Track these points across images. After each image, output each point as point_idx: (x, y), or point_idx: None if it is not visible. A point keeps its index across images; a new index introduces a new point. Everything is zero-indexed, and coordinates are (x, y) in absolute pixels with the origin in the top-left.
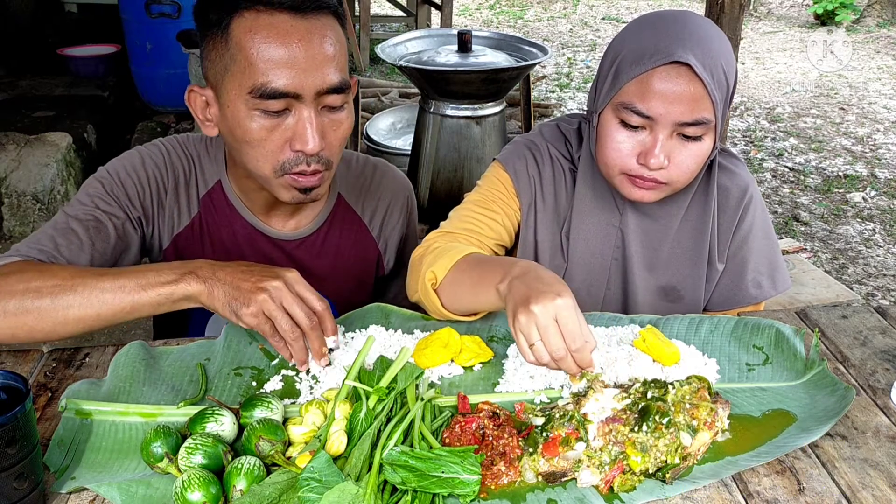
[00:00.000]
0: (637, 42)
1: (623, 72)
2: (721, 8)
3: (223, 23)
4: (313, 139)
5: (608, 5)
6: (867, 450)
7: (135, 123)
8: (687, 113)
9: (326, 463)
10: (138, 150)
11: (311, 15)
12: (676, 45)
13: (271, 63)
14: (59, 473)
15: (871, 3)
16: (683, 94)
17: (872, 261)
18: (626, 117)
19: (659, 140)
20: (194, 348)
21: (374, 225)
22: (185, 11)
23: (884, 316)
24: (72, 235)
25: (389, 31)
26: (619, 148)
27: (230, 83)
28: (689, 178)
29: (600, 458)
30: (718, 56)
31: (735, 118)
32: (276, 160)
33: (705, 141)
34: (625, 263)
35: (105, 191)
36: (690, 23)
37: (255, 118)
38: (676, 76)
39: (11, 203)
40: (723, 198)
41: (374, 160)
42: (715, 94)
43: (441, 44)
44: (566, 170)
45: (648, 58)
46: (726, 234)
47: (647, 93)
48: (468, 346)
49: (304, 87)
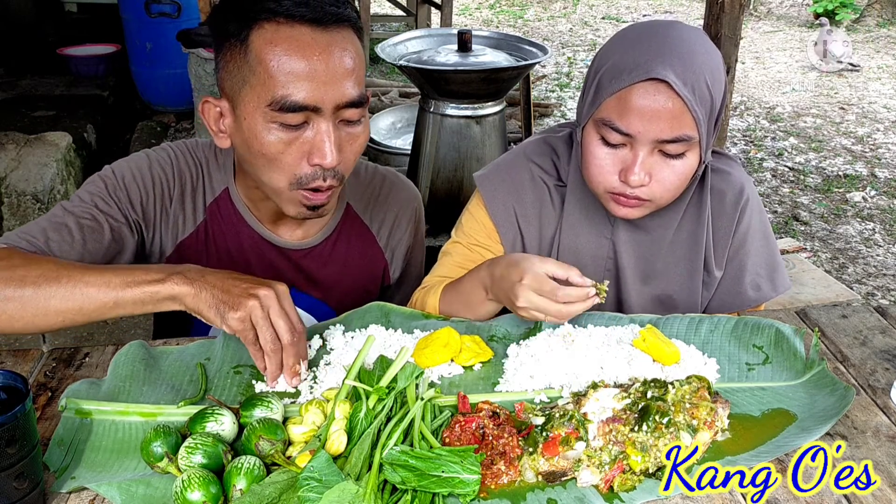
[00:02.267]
0: (618, 56)
1: (603, 87)
2: (721, 7)
3: (242, 34)
4: (331, 153)
5: (608, 5)
6: (867, 449)
7: (135, 123)
8: (666, 130)
9: (326, 462)
10: (146, 154)
11: (331, 28)
12: (655, 60)
13: (291, 76)
14: (59, 473)
15: (871, 3)
16: (662, 110)
17: (872, 260)
18: (606, 134)
19: (639, 157)
20: (194, 348)
21: (381, 235)
22: (185, 11)
23: (884, 315)
24: (64, 231)
25: (389, 31)
26: (600, 165)
27: (248, 95)
28: (674, 194)
29: (600, 458)
30: (701, 71)
31: (735, 118)
32: (293, 174)
33: (688, 158)
34: (618, 275)
35: (107, 191)
36: (674, 36)
37: (273, 131)
38: (655, 93)
39: (11, 203)
40: (718, 202)
41: (384, 170)
42: (696, 111)
43: (441, 43)
44: (551, 187)
45: (627, 74)
46: (724, 239)
47: (625, 110)
48: (468, 345)
49: (324, 100)
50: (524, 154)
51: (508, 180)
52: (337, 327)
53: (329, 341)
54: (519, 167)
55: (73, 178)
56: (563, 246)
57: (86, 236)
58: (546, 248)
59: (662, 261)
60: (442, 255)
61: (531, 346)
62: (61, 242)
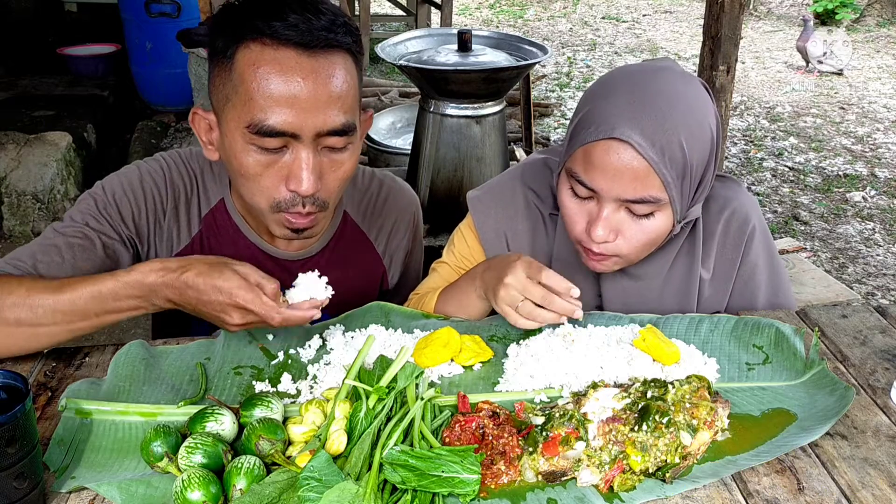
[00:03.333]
0: (594, 105)
1: (575, 137)
2: (721, 7)
3: (229, 51)
4: (308, 180)
5: (608, 5)
6: (867, 449)
7: (134, 123)
8: (629, 191)
9: (326, 462)
10: (137, 167)
11: (320, 53)
12: (624, 118)
13: (270, 100)
14: (58, 473)
15: (872, 3)
16: (625, 170)
17: (872, 260)
18: (574, 185)
19: (602, 213)
20: (194, 348)
21: (379, 242)
22: (185, 11)
23: (884, 315)
24: (53, 252)
25: (389, 31)
26: (570, 216)
27: (230, 114)
28: (643, 252)
29: (600, 458)
30: (676, 131)
31: (735, 118)
32: (272, 197)
33: (657, 218)
34: None
35: (97, 209)
36: (654, 90)
37: (251, 153)
38: (619, 151)
39: (11, 202)
40: (723, 231)
41: (381, 175)
42: (664, 173)
43: (441, 43)
44: (545, 216)
45: (595, 128)
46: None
47: (589, 164)
48: (468, 345)
49: (303, 127)
50: (521, 178)
51: (502, 205)
52: (337, 327)
53: (329, 341)
54: (514, 192)
55: (73, 177)
56: None
57: (76, 255)
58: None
59: (653, 304)
60: (431, 271)
61: (531, 345)
62: (49, 264)
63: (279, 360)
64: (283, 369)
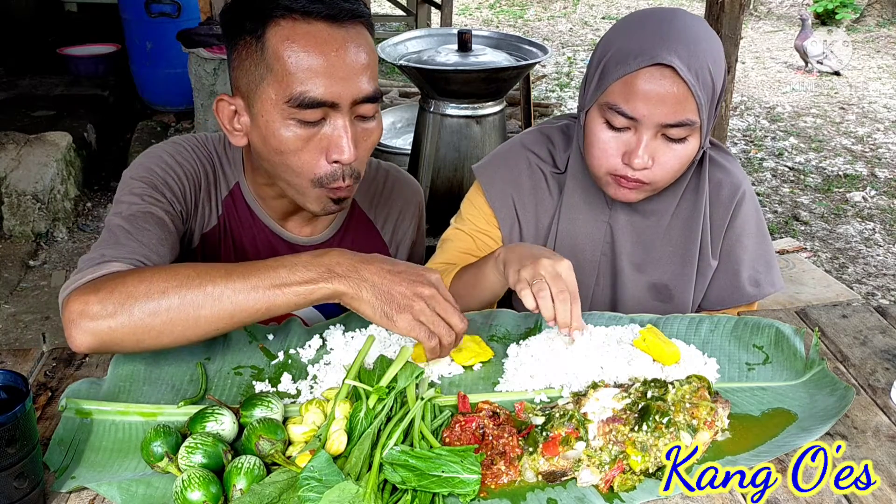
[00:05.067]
0: (623, 42)
1: (608, 72)
2: (721, 7)
3: (258, 31)
4: (349, 148)
5: (608, 5)
6: (867, 449)
7: (135, 123)
8: (670, 115)
9: (326, 462)
10: (162, 148)
11: (346, 24)
12: (661, 46)
13: (310, 72)
14: (59, 473)
15: (872, 3)
16: (667, 95)
17: (872, 260)
18: (611, 118)
19: (643, 141)
20: (194, 348)
21: (386, 231)
22: (185, 11)
23: (884, 315)
24: (148, 234)
25: (389, 31)
26: (604, 148)
27: (265, 92)
28: (673, 178)
29: (600, 458)
30: (705, 57)
31: (735, 118)
32: (314, 173)
33: (690, 142)
34: (614, 260)
35: (154, 186)
36: (678, 22)
37: (291, 127)
38: (660, 78)
39: (11, 202)
40: (714, 192)
41: (386, 165)
42: (700, 96)
43: (441, 43)
44: (547, 175)
45: (633, 59)
46: (719, 229)
47: (630, 94)
48: (468, 345)
49: (341, 95)
50: (521, 144)
51: (506, 168)
52: (337, 327)
53: (329, 341)
54: (516, 156)
55: (73, 177)
56: (561, 232)
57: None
58: (543, 234)
59: (658, 247)
60: (442, 243)
61: (531, 345)
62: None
63: (279, 360)
64: (283, 369)
